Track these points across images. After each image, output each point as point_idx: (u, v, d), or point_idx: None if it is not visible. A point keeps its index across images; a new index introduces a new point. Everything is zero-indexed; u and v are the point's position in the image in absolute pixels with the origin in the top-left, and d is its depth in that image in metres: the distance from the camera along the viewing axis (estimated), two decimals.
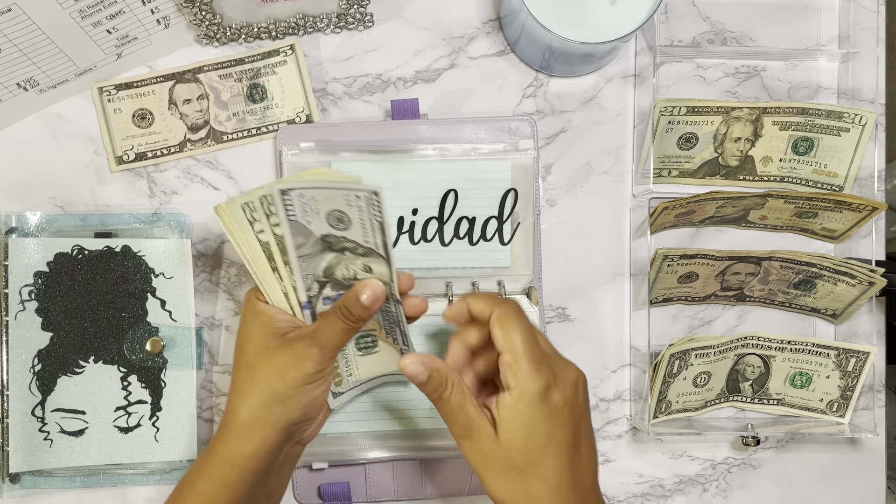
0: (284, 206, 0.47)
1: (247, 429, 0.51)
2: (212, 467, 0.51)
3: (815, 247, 0.69)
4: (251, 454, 0.51)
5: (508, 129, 0.65)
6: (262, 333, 0.52)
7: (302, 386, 0.51)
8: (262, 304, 0.52)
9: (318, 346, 0.51)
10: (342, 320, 0.52)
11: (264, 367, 0.51)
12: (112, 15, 0.60)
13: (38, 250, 0.62)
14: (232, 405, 0.51)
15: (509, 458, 0.48)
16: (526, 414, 0.48)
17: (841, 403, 0.67)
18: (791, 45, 0.69)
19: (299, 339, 0.51)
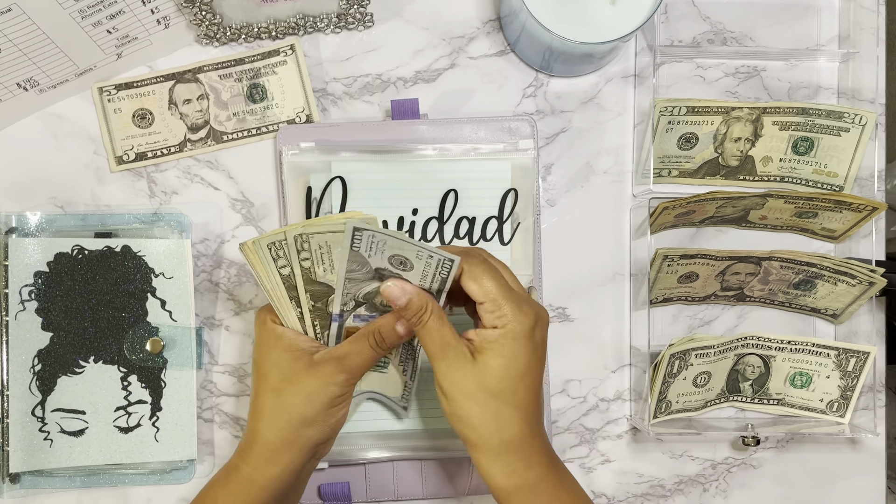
0: (352, 240, 0.48)
1: (275, 452, 0.51)
2: (238, 487, 0.52)
3: (815, 247, 0.69)
4: (279, 476, 0.51)
5: (508, 129, 0.65)
6: (287, 357, 0.52)
7: (329, 409, 0.52)
8: (280, 328, 0.53)
9: (347, 371, 0.52)
10: (374, 348, 0.53)
11: (292, 391, 0.51)
12: (112, 15, 0.60)
13: (38, 250, 0.62)
14: (257, 428, 0.52)
15: (483, 382, 0.50)
16: (509, 347, 0.50)
17: (841, 403, 0.67)
18: (791, 45, 0.69)
19: (327, 363, 0.52)
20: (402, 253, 0.50)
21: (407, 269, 0.51)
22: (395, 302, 0.51)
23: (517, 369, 0.50)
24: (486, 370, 0.50)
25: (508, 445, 0.50)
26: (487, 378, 0.50)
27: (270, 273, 0.51)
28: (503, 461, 0.50)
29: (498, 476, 0.50)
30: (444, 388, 0.51)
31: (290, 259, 0.51)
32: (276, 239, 0.50)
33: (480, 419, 0.50)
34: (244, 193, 0.66)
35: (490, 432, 0.50)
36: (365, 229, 0.48)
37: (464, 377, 0.50)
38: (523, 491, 0.50)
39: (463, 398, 0.50)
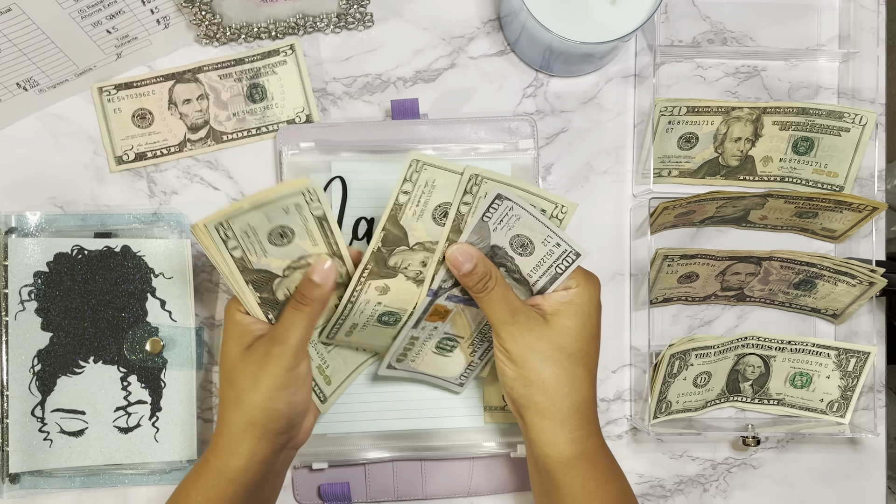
0: (489, 207, 0.48)
1: (236, 442, 0.50)
2: (207, 481, 0.51)
3: (815, 247, 0.69)
4: (245, 467, 0.51)
5: (508, 129, 0.65)
6: (236, 345, 0.51)
7: (277, 392, 0.50)
8: (239, 315, 0.52)
9: (279, 342, 0.50)
10: (296, 309, 0.51)
11: (240, 378, 0.51)
12: (112, 15, 0.60)
13: (38, 250, 0.62)
14: (221, 418, 0.52)
15: (560, 342, 0.50)
16: (583, 307, 0.51)
17: (841, 403, 0.67)
18: (791, 45, 0.69)
19: (261, 342, 0.51)
20: (528, 234, 0.49)
21: (525, 254, 0.50)
22: (460, 267, 0.50)
23: (591, 330, 0.51)
24: (563, 330, 0.50)
25: (576, 409, 0.51)
26: (564, 338, 0.50)
27: (224, 256, 0.49)
28: (569, 427, 0.50)
29: (563, 443, 0.50)
30: (514, 352, 0.50)
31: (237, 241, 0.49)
32: (221, 219, 0.48)
33: (555, 380, 0.50)
34: (244, 193, 0.66)
35: (563, 394, 0.50)
36: (507, 198, 0.47)
37: (537, 339, 0.50)
38: (583, 460, 0.51)
39: (537, 359, 0.50)
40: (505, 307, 0.50)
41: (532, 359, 0.50)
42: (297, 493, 0.64)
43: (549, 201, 0.50)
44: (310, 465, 0.63)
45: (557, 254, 0.50)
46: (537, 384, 0.50)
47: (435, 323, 0.56)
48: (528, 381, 0.50)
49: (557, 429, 0.50)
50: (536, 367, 0.50)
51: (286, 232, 0.49)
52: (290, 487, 0.65)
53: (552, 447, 0.51)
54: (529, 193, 0.50)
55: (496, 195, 0.48)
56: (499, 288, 0.51)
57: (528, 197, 0.50)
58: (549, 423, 0.51)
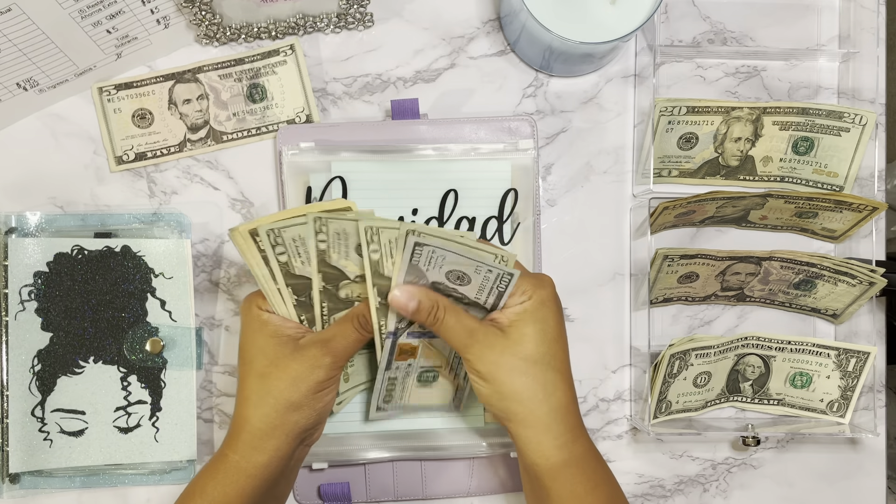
0: (412, 253, 0.48)
1: (262, 438, 0.51)
2: (225, 476, 0.51)
3: (815, 247, 0.69)
4: (267, 463, 0.51)
5: (508, 129, 0.65)
6: (273, 343, 0.52)
7: (315, 393, 0.51)
8: (266, 314, 0.53)
9: (332, 355, 0.52)
10: (357, 330, 0.52)
11: (277, 375, 0.51)
12: (112, 15, 0.60)
13: (38, 250, 0.62)
14: (243, 415, 0.52)
15: (523, 352, 0.50)
16: (539, 312, 0.51)
17: (841, 403, 0.67)
18: (791, 45, 0.69)
19: (312, 347, 0.52)
20: (459, 268, 0.50)
21: (464, 284, 0.51)
22: (405, 307, 0.51)
23: (552, 333, 0.51)
24: (523, 339, 0.50)
25: (556, 413, 0.50)
26: (526, 347, 0.50)
27: (262, 260, 0.51)
28: (553, 432, 0.50)
29: (549, 450, 0.50)
30: (482, 370, 0.50)
31: (291, 247, 0.51)
32: (277, 226, 0.50)
33: (527, 389, 0.50)
34: (244, 193, 0.66)
35: (538, 400, 0.50)
36: (425, 245, 0.48)
37: (500, 353, 0.50)
38: (571, 466, 0.51)
39: (504, 374, 0.50)
40: (461, 330, 0.51)
41: (500, 373, 0.50)
42: (297, 493, 0.64)
43: (488, 253, 0.50)
44: (310, 465, 0.63)
45: (493, 278, 0.50)
46: (511, 396, 0.50)
47: (407, 361, 0.57)
48: (502, 395, 0.51)
49: (541, 436, 0.51)
50: (506, 380, 0.50)
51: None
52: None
53: (539, 455, 0.51)
54: (456, 242, 0.50)
55: (414, 245, 0.48)
56: (449, 315, 0.51)
57: (450, 240, 0.50)
58: (533, 432, 0.51)
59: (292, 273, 0.52)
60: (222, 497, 0.51)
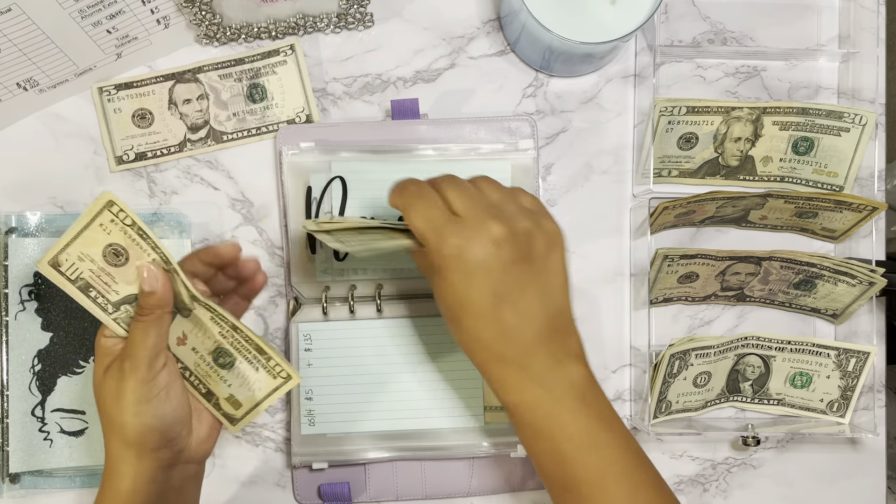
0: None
1: (117, 465, 0.49)
2: (109, 502, 0.50)
3: (815, 247, 0.69)
4: (132, 488, 0.49)
5: (508, 129, 0.65)
6: (99, 369, 0.50)
7: (139, 407, 0.49)
8: (103, 339, 0.51)
9: (128, 357, 0.49)
10: (138, 321, 0.49)
11: (104, 401, 0.50)
12: (112, 15, 0.60)
13: (38, 250, 0.62)
14: (104, 442, 0.51)
15: (445, 316, 0.50)
16: (442, 286, 0.48)
17: (841, 403, 0.67)
18: (791, 45, 0.69)
19: (114, 363, 0.50)
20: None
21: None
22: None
23: (451, 304, 0.49)
24: (442, 309, 0.50)
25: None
26: (446, 314, 0.50)
27: (70, 287, 0.49)
28: None
29: None
30: None
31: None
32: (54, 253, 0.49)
33: (461, 345, 0.50)
34: (244, 193, 0.66)
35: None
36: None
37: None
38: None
39: (447, 327, 0.51)
40: None
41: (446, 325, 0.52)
42: (297, 493, 0.64)
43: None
44: (310, 465, 0.63)
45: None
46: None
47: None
48: None
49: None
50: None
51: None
52: (290, 487, 0.65)
53: None
54: None
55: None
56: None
57: None
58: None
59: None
60: None
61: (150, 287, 0.49)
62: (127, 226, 0.49)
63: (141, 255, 0.50)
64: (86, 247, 0.49)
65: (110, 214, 0.48)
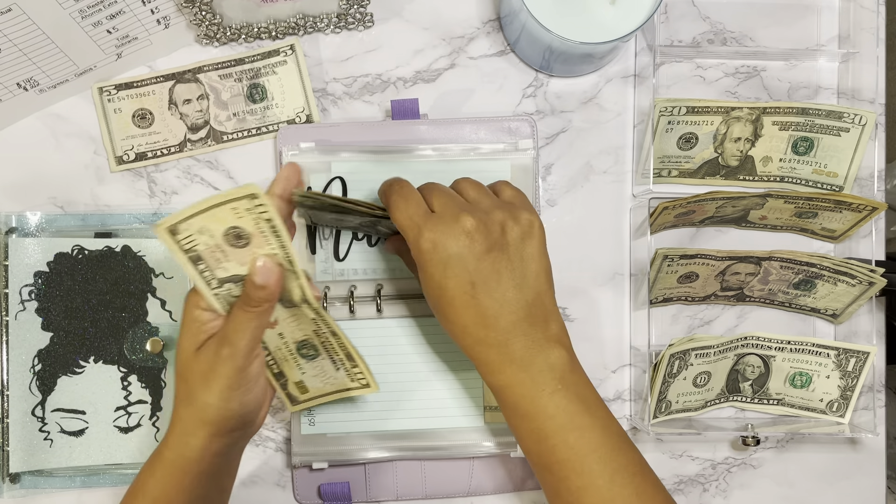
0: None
1: (188, 437, 0.50)
2: (162, 472, 0.51)
3: (815, 247, 0.69)
4: (198, 458, 0.51)
5: (508, 129, 0.65)
6: (190, 342, 0.51)
7: (229, 392, 0.50)
8: (197, 312, 0.51)
9: (228, 344, 0.49)
10: (243, 310, 0.50)
11: (191, 377, 0.50)
12: (112, 15, 0.60)
13: (38, 250, 0.62)
14: (174, 412, 0.51)
15: (432, 308, 0.53)
16: (424, 279, 0.52)
17: (841, 403, 0.67)
18: (791, 45, 0.69)
19: (211, 343, 0.50)
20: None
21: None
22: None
23: (431, 294, 0.52)
24: (428, 300, 0.53)
25: None
26: (432, 305, 0.53)
27: (180, 255, 0.49)
28: None
29: None
30: None
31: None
32: (174, 220, 0.47)
33: (449, 334, 0.53)
34: None
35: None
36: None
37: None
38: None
39: (436, 317, 0.54)
40: None
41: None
42: (297, 493, 0.64)
43: None
44: (310, 465, 0.63)
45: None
46: None
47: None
48: None
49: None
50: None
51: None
52: (290, 487, 0.65)
53: None
54: None
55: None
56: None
57: None
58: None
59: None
60: (162, 494, 0.51)
61: (263, 281, 0.49)
62: (263, 219, 0.48)
63: (263, 245, 0.49)
64: (210, 222, 0.48)
65: (248, 203, 0.47)
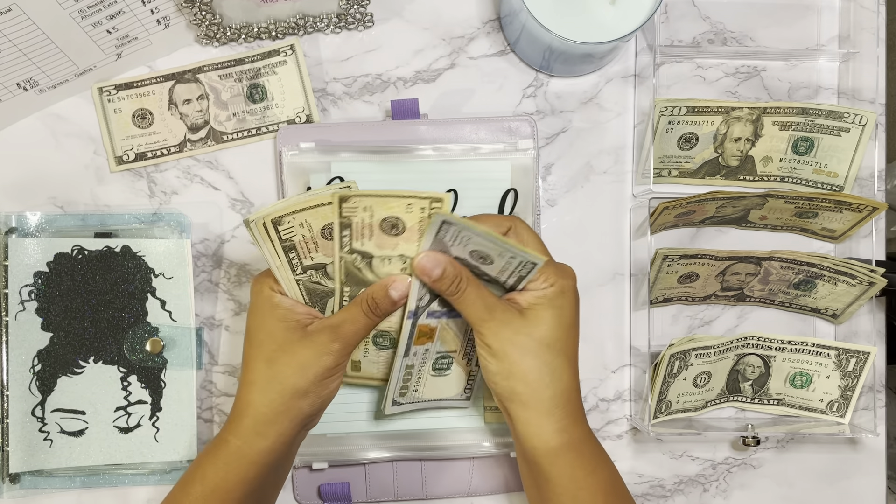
0: (439, 228, 0.49)
1: (266, 424, 0.51)
2: (227, 462, 0.51)
3: (815, 247, 0.69)
4: (270, 449, 0.51)
5: (508, 129, 0.65)
6: (282, 327, 0.51)
7: (322, 380, 0.51)
8: (278, 296, 0.52)
9: (341, 340, 0.51)
10: (367, 315, 0.52)
11: (285, 361, 0.51)
12: (112, 15, 0.60)
13: (38, 250, 0.62)
14: (248, 399, 0.51)
15: (538, 333, 0.51)
16: (558, 300, 0.52)
17: (841, 403, 0.67)
18: (791, 45, 0.69)
19: (321, 333, 0.51)
20: (484, 248, 0.50)
21: (486, 263, 0.51)
22: (429, 273, 0.51)
23: (567, 320, 0.52)
24: (540, 322, 0.51)
25: (559, 398, 0.51)
26: (541, 330, 0.51)
27: (279, 251, 0.52)
28: (554, 416, 0.51)
29: (549, 433, 0.51)
30: (494, 346, 0.51)
31: (298, 228, 0.52)
32: (284, 212, 0.51)
33: (535, 371, 0.51)
34: (244, 194, 0.66)
35: (544, 384, 0.51)
36: (452, 224, 0.48)
37: (515, 332, 0.51)
38: (570, 450, 0.51)
39: (517, 352, 0.51)
40: (481, 304, 0.51)
41: (512, 351, 0.51)
42: (297, 493, 0.64)
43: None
44: (310, 465, 0.63)
45: (516, 263, 0.51)
46: (518, 375, 0.51)
47: (425, 345, 0.56)
48: (509, 374, 0.51)
49: (542, 419, 0.51)
50: (516, 359, 0.51)
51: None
52: (290, 487, 0.65)
53: (538, 438, 0.51)
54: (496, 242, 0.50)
55: (441, 222, 0.48)
56: (471, 287, 0.51)
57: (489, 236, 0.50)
58: (534, 414, 0.51)
59: (304, 259, 0.52)
60: (223, 483, 0.50)
61: (398, 296, 0.52)
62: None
63: (413, 239, 0.52)
64: (313, 218, 0.51)
65: (342, 204, 0.50)
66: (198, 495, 0.50)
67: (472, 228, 0.48)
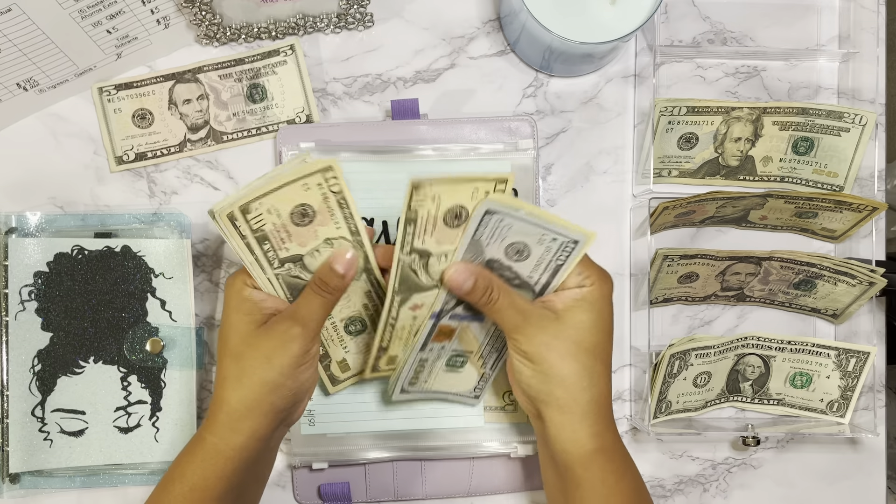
0: (479, 225, 0.47)
1: (239, 420, 0.50)
2: (203, 459, 0.51)
3: (815, 247, 0.69)
4: (244, 444, 0.50)
5: (508, 129, 0.65)
6: (246, 321, 0.51)
7: (291, 370, 0.50)
8: (248, 291, 0.52)
9: (300, 324, 0.50)
10: (318, 294, 0.51)
11: (251, 354, 0.50)
12: (112, 15, 0.60)
13: (38, 250, 0.62)
14: (221, 396, 0.51)
15: (576, 337, 0.51)
16: (597, 303, 0.51)
17: (841, 403, 0.67)
18: (791, 45, 0.69)
19: (281, 321, 0.51)
20: (522, 239, 0.49)
21: (521, 259, 0.50)
22: (460, 286, 0.50)
23: (605, 325, 0.51)
24: (578, 325, 0.51)
25: (595, 403, 0.51)
26: (580, 333, 0.51)
27: (238, 241, 0.50)
28: (589, 421, 0.51)
29: (584, 438, 0.51)
30: (531, 350, 0.50)
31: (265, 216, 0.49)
32: (244, 202, 0.48)
33: (575, 374, 0.50)
34: None
35: (581, 388, 0.50)
36: (496, 212, 0.46)
37: (553, 336, 0.50)
38: (602, 455, 0.51)
39: (555, 356, 0.50)
40: (514, 313, 0.51)
41: (550, 355, 0.50)
42: (297, 493, 0.64)
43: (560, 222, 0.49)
44: (310, 465, 0.63)
45: (555, 248, 0.50)
46: (556, 380, 0.50)
47: (441, 343, 0.56)
48: (546, 377, 0.50)
49: (578, 423, 0.51)
50: (555, 363, 0.50)
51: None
52: (290, 487, 0.65)
53: (573, 443, 0.51)
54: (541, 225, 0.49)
55: (485, 212, 0.47)
56: (503, 296, 0.51)
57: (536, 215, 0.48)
58: (570, 418, 0.51)
59: (280, 251, 0.51)
60: (201, 480, 0.50)
61: (344, 270, 0.50)
62: (332, 192, 0.48)
63: (328, 220, 0.50)
64: (280, 201, 0.48)
65: (320, 178, 0.47)
66: (177, 494, 0.50)
67: (517, 210, 0.46)
